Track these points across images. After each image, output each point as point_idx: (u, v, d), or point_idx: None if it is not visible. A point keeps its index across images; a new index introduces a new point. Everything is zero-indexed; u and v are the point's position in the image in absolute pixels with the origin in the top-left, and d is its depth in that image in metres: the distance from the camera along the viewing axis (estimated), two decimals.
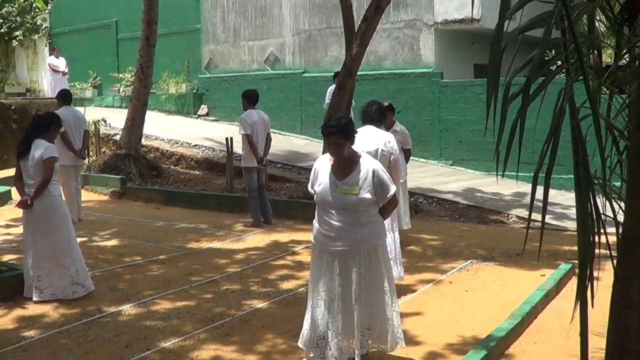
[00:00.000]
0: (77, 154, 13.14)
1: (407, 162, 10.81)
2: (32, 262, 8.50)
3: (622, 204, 3.16)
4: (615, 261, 3.10)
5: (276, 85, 22.90)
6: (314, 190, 6.11)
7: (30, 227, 8.58)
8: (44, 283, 8.46)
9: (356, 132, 6.08)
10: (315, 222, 6.14)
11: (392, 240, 8.55)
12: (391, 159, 8.51)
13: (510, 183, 14.87)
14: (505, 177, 13.49)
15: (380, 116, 8.85)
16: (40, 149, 8.53)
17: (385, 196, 6.00)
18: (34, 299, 8.40)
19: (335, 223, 5.91)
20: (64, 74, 25.12)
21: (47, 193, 8.52)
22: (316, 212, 6.13)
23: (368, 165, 5.97)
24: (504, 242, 11.27)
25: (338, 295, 5.88)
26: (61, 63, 25.26)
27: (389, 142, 8.55)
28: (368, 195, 5.87)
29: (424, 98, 19.58)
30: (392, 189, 6.01)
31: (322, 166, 6.13)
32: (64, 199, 12.75)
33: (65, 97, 13.45)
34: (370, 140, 8.46)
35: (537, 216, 5.06)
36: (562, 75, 3.25)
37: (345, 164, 5.98)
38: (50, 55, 25.95)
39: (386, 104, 10.29)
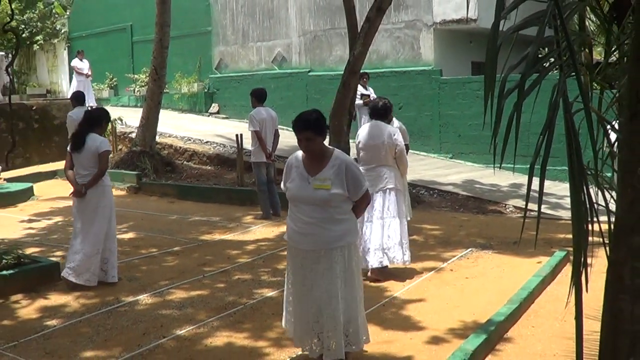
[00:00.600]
0: None
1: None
2: (77, 247, 8.62)
3: (614, 194, 3.15)
4: (607, 248, 3.10)
5: (283, 84, 22.88)
6: (286, 187, 5.80)
7: (80, 215, 8.71)
8: (82, 267, 8.54)
9: (328, 127, 5.90)
10: (288, 219, 5.81)
11: (397, 225, 8.67)
12: (396, 150, 8.71)
13: (507, 175, 14.89)
14: (502, 169, 13.53)
15: (386, 112, 9.02)
16: (96, 142, 8.69)
17: (358, 192, 5.64)
18: (71, 279, 8.50)
19: (308, 219, 5.57)
20: (87, 76, 24.99)
21: (100, 183, 8.72)
22: (289, 209, 5.82)
23: (340, 161, 5.61)
24: (502, 231, 11.26)
25: (311, 294, 5.58)
26: (85, 65, 25.10)
27: (394, 135, 8.70)
28: (340, 191, 5.52)
29: (424, 94, 19.56)
30: (365, 185, 5.70)
31: (295, 163, 5.80)
32: None
33: (78, 99, 13.64)
34: (376, 133, 8.74)
35: (533, 206, 5.05)
36: (556, 71, 3.24)
37: (318, 160, 5.65)
38: (75, 58, 25.75)
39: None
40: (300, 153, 5.81)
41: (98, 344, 6.68)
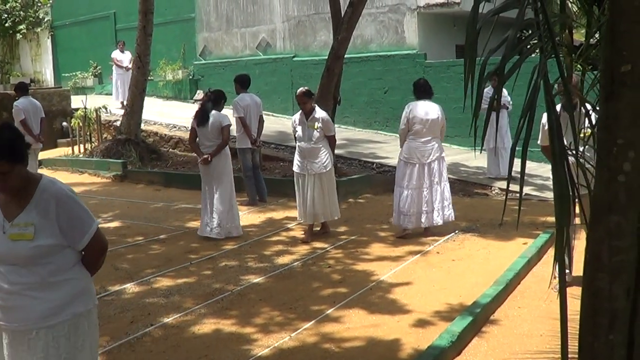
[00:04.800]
0: (36, 139, 13.71)
1: (332, 150, 10.42)
2: (210, 208, 10.27)
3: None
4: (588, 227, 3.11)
5: (268, 70, 22.80)
6: None
7: (208, 179, 10.40)
8: (222, 223, 10.18)
9: (29, 147, 3.76)
10: None
11: (449, 188, 10.13)
12: (443, 125, 10.13)
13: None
14: (486, 152, 13.37)
15: (431, 90, 10.16)
16: (219, 118, 10.36)
17: (82, 238, 3.78)
18: (216, 237, 10.14)
19: (8, 286, 3.70)
20: (127, 69, 22.85)
21: (222, 151, 10.35)
22: None
23: (49, 195, 3.72)
24: (488, 213, 11.29)
25: None
26: (125, 57, 23.32)
27: (441, 110, 10.07)
28: (50, 240, 3.68)
29: (408, 78, 19.39)
30: (94, 226, 3.82)
31: None
32: None
33: (23, 89, 14.31)
34: (432, 110, 9.93)
35: (518, 188, 5.07)
36: (536, 54, 3.24)
37: (17, 197, 3.75)
38: (115, 49, 24.07)
39: (303, 89, 10.47)
40: None
41: None
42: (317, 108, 10.33)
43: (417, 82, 10.23)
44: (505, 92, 14.40)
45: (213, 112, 10.38)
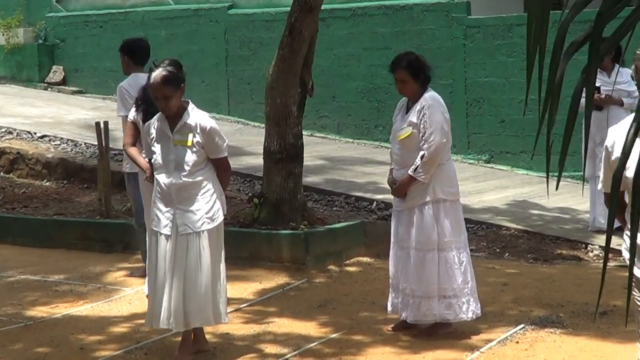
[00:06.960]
0: None
1: (224, 186, 9.84)
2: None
3: None
4: None
5: (184, 31, 22.86)
6: None
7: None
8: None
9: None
10: None
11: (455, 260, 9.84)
12: None
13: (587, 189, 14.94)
14: (574, 180, 13.49)
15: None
16: None
17: None
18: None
19: None
20: None
21: None
22: None
23: None
24: (581, 294, 11.30)
25: None
26: None
27: None
28: None
29: (437, 48, 19.57)
30: None
31: None
32: None
33: None
34: None
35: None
36: None
37: None
38: None
39: (163, 72, 9.48)
40: None
41: None
42: (192, 108, 9.55)
43: (414, 57, 10.59)
44: (625, 73, 14.27)
45: None
